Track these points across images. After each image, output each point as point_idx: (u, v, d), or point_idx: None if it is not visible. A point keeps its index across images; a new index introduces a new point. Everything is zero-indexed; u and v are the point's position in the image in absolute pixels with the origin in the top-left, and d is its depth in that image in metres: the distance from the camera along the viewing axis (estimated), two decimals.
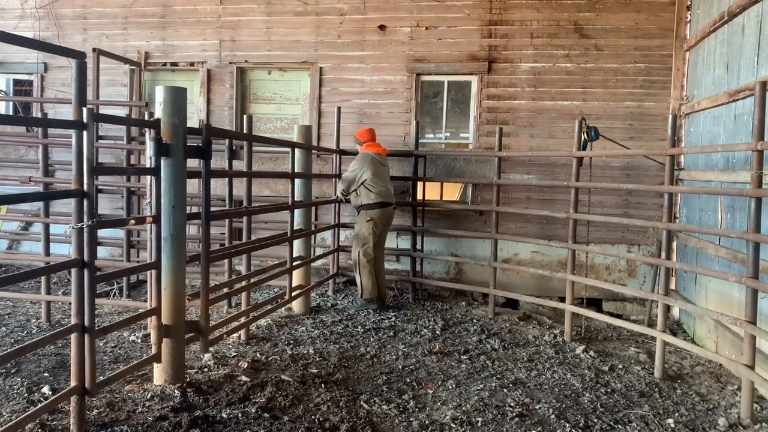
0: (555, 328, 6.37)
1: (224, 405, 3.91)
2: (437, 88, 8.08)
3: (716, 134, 5.97)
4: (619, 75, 7.46)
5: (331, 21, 8.04)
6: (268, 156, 8.05)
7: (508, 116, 7.74)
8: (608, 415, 4.13)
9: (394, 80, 7.96)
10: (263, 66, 8.31)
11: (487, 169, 7.60)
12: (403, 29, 7.90)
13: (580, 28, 7.51)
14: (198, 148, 4.25)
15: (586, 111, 7.41)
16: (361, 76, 8.02)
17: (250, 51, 8.25)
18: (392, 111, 7.99)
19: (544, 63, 7.61)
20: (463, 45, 7.79)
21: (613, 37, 7.45)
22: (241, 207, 5.38)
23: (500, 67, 7.73)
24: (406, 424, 3.84)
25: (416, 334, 5.95)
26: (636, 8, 7.37)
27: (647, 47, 7.38)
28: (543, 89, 7.64)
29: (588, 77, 7.52)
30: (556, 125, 7.61)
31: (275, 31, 8.17)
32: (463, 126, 8.07)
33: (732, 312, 5.09)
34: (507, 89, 7.74)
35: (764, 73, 4.88)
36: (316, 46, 8.09)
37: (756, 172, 4.05)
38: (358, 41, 8.00)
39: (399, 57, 7.93)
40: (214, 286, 4.92)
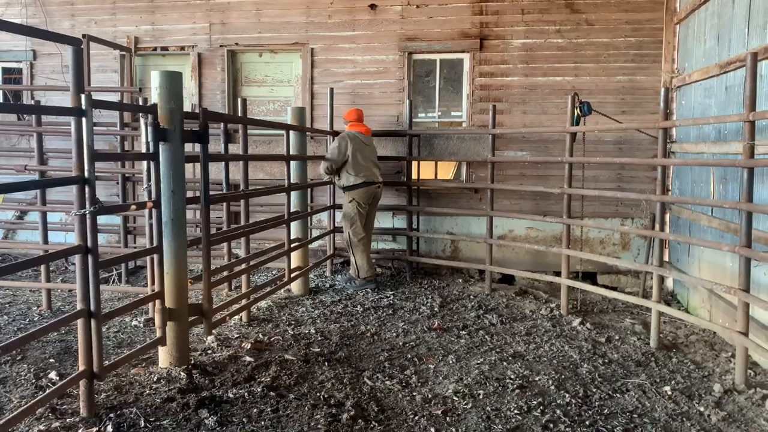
0: (551, 302, 6.47)
1: (230, 385, 3.97)
2: (429, 66, 8.08)
3: (708, 106, 6.02)
4: (611, 49, 7.48)
5: (321, 1, 7.99)
6: (262, 139, 8.04)
7: (501, 93, 7.76)
8: (606, 384, 4.23)
9: (386, 60, 7.95)
10: (254, 48, 8.27)
11: (481, 146, 7.63)
12: (394, 8, 7.87)
13: (570, 3, 7.50)
14: (195, 132, 4.26)
15: (579, 86, 7.44)
16: (353, 57, 8.00)
17: (240, 33, 8.21)
18: (385, 91, 7.99)
19: (535, 39, 7.62)
20: (455, 23, 7.78)
21: (603, 12, 7.45)
22: (239, 190, 5.40)
23: (492, 44, 7.73)
24: (409, 398, 3.92)
25: (415, 311, 6.02)
26: None
27: (638, 21, 7.40)
28: (535, 65, 7.65)
29: (579, 52, 7.54)
30: (548, 101, 7.64)
31: (265, 12, 8.13)
32: (455, 104, 8.08)
33: (725, 281, 5.19)
34: (499, 66, 7.74)
35: (755, 45, 4.93)
36: (306, 27, 8.06)
37: (748, 143, 4.11)
38: (349, 21, 7.97)
39: (390, 36, 7.91)
40: (215, 269, 4.97)
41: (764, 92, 4.67)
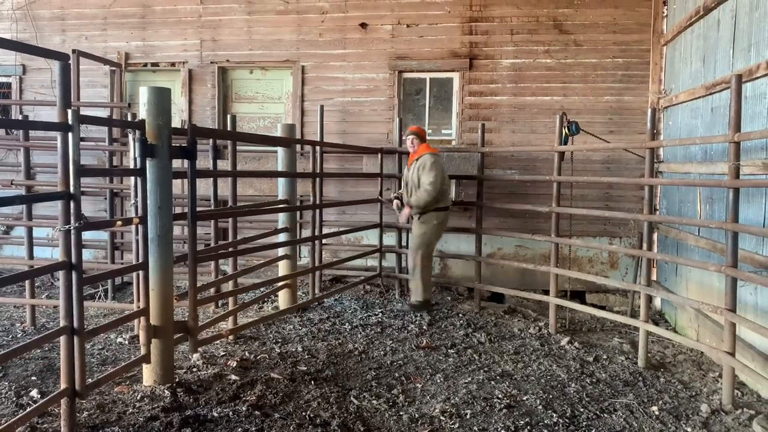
0: (540, 321, 6.46)
1: (215, 404, 3.92)
2: (419, 85, 8.12)
3: (694, 127, 6.08)
4: (599, 70, 7.56)
5: (312, 19, 8.05)
6: (251, 155, 8.04)
7: (490, 112, 7.81)
8: (594, 404, 4.21)
9: (376, 78, 7.99)
10: (245, 65, 8.29)
11: (470, 165, 7.65)
12: (385, 27, 7.93)
13: (559, 23, 7.60)
14: (183, 148, 4.25)
15: (567, 106, 7.50)
16: (344, 74, 8.04)
17: (231, 50, 8.23)
18: (375, 108, 8.02)
19: (524, 59, 7.69)
20: (445, 42, 7.84)
21: (591, 33, 7.54)
22: (235, 207, 5.37)
23: (481, 64, 7.80)
24: (396, 418, 3.88)
25: (403, 329, 6.00)
26: (614, 4, 7.47)
27: (625, 42, 7.49)
28: (524, 85, 7.72)
29: (568, 72, 7.61)
30: (537, 120, 7.69)
31: (256, 30, 8.16)
32: (445, 122, 8.12)
33: (712, 301, 5.20)
34: (488, 85, 7.80)
35: (739, 67, 4.99)
36: (297, 45, 8.10)
37: (733, 163, 4.15)
38: (340, 39, 8.02)
39: (381, 55, 7.96)
40: (201, 286, 4.94)
41: (749, 113, 4.72)
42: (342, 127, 7.98)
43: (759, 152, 4.60)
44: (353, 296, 7.29)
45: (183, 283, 7.03)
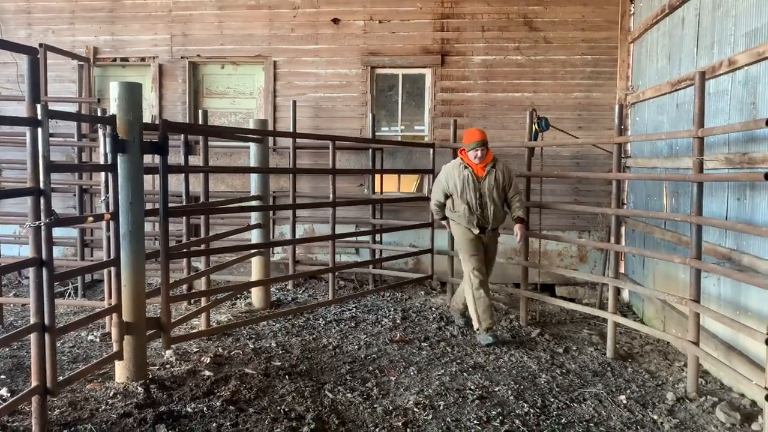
0: (511, 314, 6.55)
1: (189, 399, 3.92)
2: (392, 81, 8.16)
3: (660, 122, 6.23)
4: (568, 67, 7.67)
5: (284, 14, 8.02)
6: (223, 151, 7.99)
7: (462, 108, 7.88)
8: (564, 394, 4.30)
9: (349, 74, 8.00)
10: (216, 60, 8.23)
11: (443, 160, 7.70)
12: (357, 23, 7.94)
13: (529, 21, 7.69)
14: (154, 143, 4.22)
15: (537, 102, 7.60)
16: (316, 70, 8.04)
17: (202, 45, 8.16)
18: (348, 104, 8.03)
19: (495, 56, 7.77)
20: (417, 38, 7.88)
21: (561, 30, 7.65)
22: (216, 203, 5.35)
23: (453, 60, 7.86)
24: (370, 411, 3.93)
25: (377, 324, 6.04)
26: (582, 1, 7.58)
27: (594, 39, 7.62)
28: (495, 81, 7.80)
29: (538, 69, 7.72)
30: (508, 116, 7.78)
31: (228, 25, 8.11)
32: (418, 118, 8.17)
33: (678, 292, 5.34)
34: (460, 82, 7.87)
35: (703, 64, 5.13)
36: (269, 40, 8.06)
37: (697, 158, 4.26)
38: (312, 35, 8.01)
39: (353, 50, 7.97)
40: (174, 282, 4.92)
41: (712, 109, 4.86)
42: (315, 123, 7.98)
43: (722, 147, 4.73)
44: (327, 291, 7.29)
45: (155, 280, 6.97)
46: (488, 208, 5.50)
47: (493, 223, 5.57)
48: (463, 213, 5.53)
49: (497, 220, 5.60)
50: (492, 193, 5.48)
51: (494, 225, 5.60)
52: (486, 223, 5.54)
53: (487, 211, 5.50)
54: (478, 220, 5.51)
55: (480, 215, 5.51)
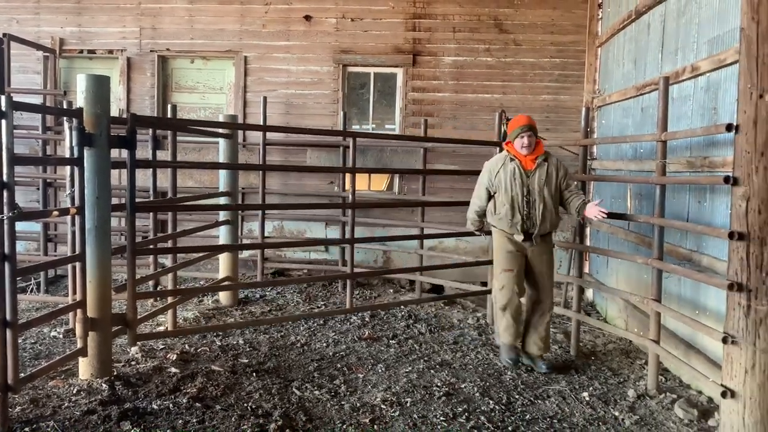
0: (478, 312, 6.63)
1: (154, 396, 3.88)
2: (364, 79, 8.17)
3: (626, 126, 6.36)
4: (537, 69, 7.79)
5: (255, 10, 7.97)
6: (192, 146, 7.91)
7: (433, 108, 7.94)
8: (529, 391, 4.37)
9: (320, 71, 7.99)
10: (186, 54, 8.15)
11: (413, 159, 7.77)
12: (329, 20, 7.94)
13: (499, 23, 7.78)
14: (122, 137, 4.17)
15: (506, 104, 7.70)
16: (287, 66, 8.01)
17: (172, 39, 8.07)
18: (319, 102, 8.03)
19: (466, 57, 7.85)
20: (389, 38, 7.91)
21: (530, 33, 7.76)
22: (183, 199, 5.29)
23: (424, 60, 7.91)
24: (338, 408, 3.94)
25: (346, 321, 6.05)
26: (552, 5, 7.70)
27: (562, 43, 7.74)
28: (465, 82, 7.88)
29: (507, 71, 7.81)
30: (477, 117, 7.86)
31: (198, 19, 8.03)
32: (389, 117, 8.20)
33: (640, 292, 5.46)
34: (431, 82, 7.93)
35: (667, 69, 5.25)
36: (240, 35, 8.01)
37: (660, 161, 4.37)
38: (284, 31, 7.98)
39: (325, 48, 7.97)
40: (140, 278, 4.86)
41: (676, 114, 4.98)
42: (286, 120, 7.95)
43: (684, 151, 4.86)
44: (296, 289, 7.29)
45: (121, 275, 6.87)
46: (536, 207, 4.65)
47: (541, 227, 4.67)
48: (505, 214, 4.69)
49: (547, 223, 4.70)
50: (543, 191, 4.64)
51: (543, 230, 4.70)
52: (532, 226, 4.67)
53: (535, 211, 4.65)
54: (524, 222, 4.66)
55: (526, 216, 4.66)
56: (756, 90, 3.33)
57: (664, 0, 5.41)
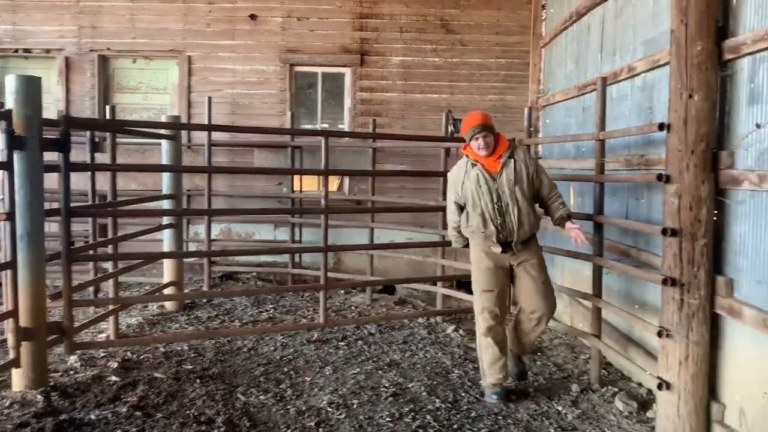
0: (428, 310, 6.65)
1: (93, 407, 3.77)
2: (311, 79, 8.12)
3: (569, 125, 6.49)
4: (483, 69, 7.88)
5: (199, 9, 7.84)
6: (135, 148, 7.71)
7: (382, 108, 7.95)
8: (475, 388, 4.41)
9: (267, 70, 7.91)
10: (127, 54, 7.95)
11: (363, 159, 7.75)
12: (275, 19, 7.86)
13: (446, 23, 7.85)
14: (55, 140, 4.03)
15: (454, 104, 7.76)
16: (233, 66, 7.90)
17: (112, 38, 7.86)
18: (266, 101, 7.94)
19: (413, 57, 7.88)
20: (336, 37, 7.89)
21: (476, 33, 7.85)
22: (124, 202, 5.15)
23: (372, 60, 7.91)
24: (283, 412, 3.90)
25: (295, 324, 6.00)
26: (497, 6, 7.81)
27: (507, 43, 7.86)
28: (413, 82, 7.91)
29: (454, 71, 7.88)
30: (426, 117, 7.90)
31: (140, 18, 7.84)
32: (338, 117, 8.17)
33: (583, 288, 5.57)
34: (379, 82, 7.93)
35: (606, 69, 5.37)
36: (184, 35, 7.86)
37: (599, 160, 4.47)
38: (229, 30, 7.87)
39: (271, 47, 7.89)
40: (79, 285, 4.72)
41: (614, 113, 5.10)
42: (232, 120, 7.84)
43: (623, 149, 4.97)
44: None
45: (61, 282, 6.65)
46: (511, 212, 4.04)
47: (519, 234, 4.07)
48: (477, 226, 4.12)
49: (526, 227, 4.10)
50: (514, 192, 4.04)
51: (522, 235, 4.10)
52: (510, 234, 4.07)
53: (510, 217, 4.04)
54: (498, 232, 4.07)
55: (500, 225, 4.06)
56: (686, 90, 3.43)
57: (603, 2, 5.53)
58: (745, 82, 3.36)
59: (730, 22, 3.48)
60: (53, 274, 5.21)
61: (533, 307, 4.25)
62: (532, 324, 4.31)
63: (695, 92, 3.41)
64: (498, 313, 4.23)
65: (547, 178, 4.26)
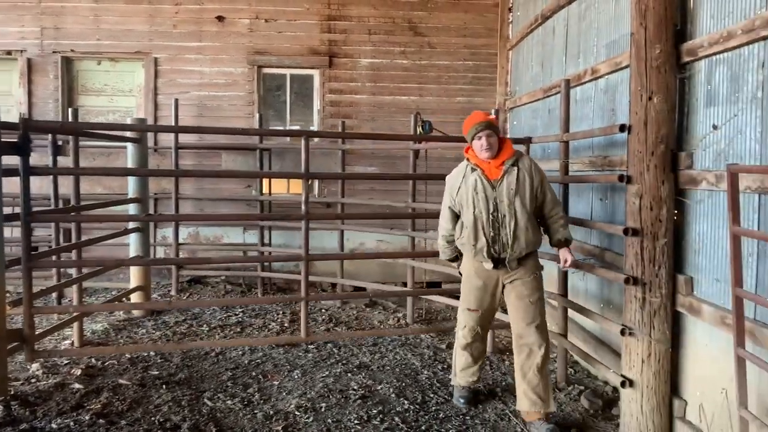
0: (399, 312, 6.67)
1: (54, 415, 3.70)
2: (280, 81, 8.08)
3: (535, 127, 6.55)
4: (451, 72, 7.92)
5: (165, 10, 7.74)
6: (100, 151, 7.59)
7: (351, 110, 7.94)
8: (443, 389, 4.43)
9: (234, 72, 7.84)
10: (92, 56, 7.81)
11: (332, 161, 7.73)
12: (242, 21, 7.80)
13: (414, 26, 7.87)
14: (14, 144, 3.95)
15: (423, 106, 7.79)
16: (200, 68, 7.81)
17: (76, 40, 7.72)
18: (234, 104, 7.87)
19: (382, 59, 7.89)
20: (304, 39, 7.86)
21: (444, 36, 7.89)
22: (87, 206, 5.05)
23: (341, 62, 7.90)
24: (250, 417, 3.87)
25: (264, 328, 5.95)
26: (464, 8, 7.86)
27: (475, 46, 7.91)
28: (382, 84, 7.92)
29: (423, 73, 7.91)
30: (395, 119, 7.92)
31: (104, 19, 7.71)
32: (307, 119, 8.14)
33: (551, 288, 5.63)
34: (348, 84, 7.92)
35: (571, 72, 5.44)
36: (150, 36, 7.75)
37: (563, 160, 4.53)
38: (196, 32, 7.78)
39: (239, 49, 7.82)
40: (41, 291, 4.63)
41: (579, 115, 5.17)
42: (199, 122, 7.75)
43: (587, 151, 5.04)
44: (213, 296, 7.13)
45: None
46: (507, 225, 3.69)
47: (514, 249, 3.70)
48: (467, 238, 3.79)
49: (522, 243, 3.71)
50: (513, 203, 3.68)
51: (517, 252, 3.72)
52: (503, 249, 3.72)
53: (505, 230, 3.69)
54: (490, 246, 3.72)
55: (492, 238, 3.71)
56: (645, 92, 3.49)
57: (567, 5, 5.61)
58: (702, 84, 3.44)
59: (687, 25, 3.56)
60: (16, 280, 5.11)
61: (519, 331, 3.81)
62: (523, 355, 3.80)
63: (655, 94, 3.47)
64: (479, 331, 4.03)
65: (551, 194, 3.86)
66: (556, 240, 3.89)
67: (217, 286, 7.57)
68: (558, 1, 5.71)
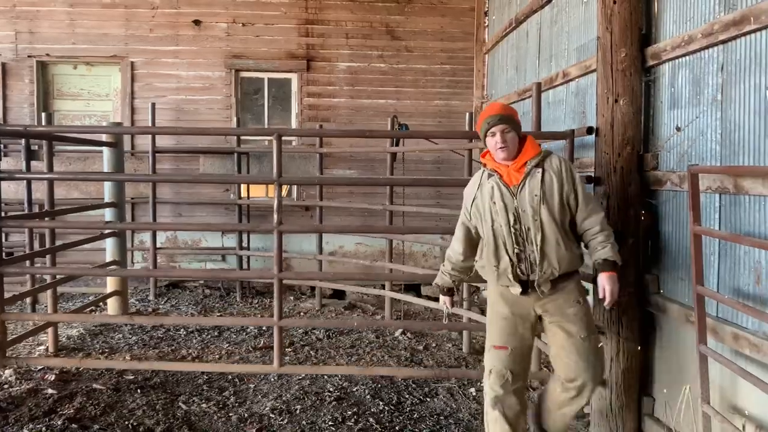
0: (377, 314, 6.70)
1: (26, 420, 3.69)
2: (258, 84, 8.08)
3: None
4: (428, 75, 7.98)
5: (142, 14, 7.72)
6: (77, 156, 7.54)
7: (329, 114, 7.96)
8: (419, 390, 4.47)
9: (212, 76, 7.84)
10: (68, 60, 7.77)
11: (311, 165, 7.75)
12: (220, 25, 7.80)
13: (391, 30, 7.92)
14: None
15: (400, 109, 7.83)
16: (177, 72, 7.80)
17: (51, 44, 7.67)
18: (212, 107, 7.86)
19: (359, 63, 7.93)
20: (282, 43, 7.87)
21: (421, 40, 7.94)
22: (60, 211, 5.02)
23: (319, 66, 7.92)
24: (225, 420, 3.88)
25: (242, 332, 5.95)
26: (441, 13, 7.92)
27: (452, 50, 7.97)
28: (360, 88, 7.95)
29: (400, 77, 7.96)
30: (373, 122, 7.94)
31: (80, 23, 7.67)
32: (286, 123, 8.14)
33: None
34: (326, 87, 7.95)
35: (544, 75, 5.52)
36: (126, 40, 7.72)
37: None
38: (173, 36, 7.77)
39: (216, 53, 7.82)
40: (14, 296, 4.60)
41: (552, 117, 5.25)
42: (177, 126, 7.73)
43: (559, 152, 5.10)
44: (191, 301, 7.10)
45: None
46: (533, 240, 2.96)
47: (544, 269, 2.95)
48: (488, 258, 3.07)
49: (554, 261, 2.96)
50: (538, 212, 2.95)
51: (548, 273, 2.96)
52: (530, 269, 2.98)
53: (532, 246, 2.96)
54: (514, 266, 2.99)
55: (518, 255, 2.99)
56: (612, 95, 3.57)
57: (540, 9, 5.68)
58: (666, 87, 3.51)
59: (652, 29, 3.63)
60: None
61: (572, 374, 3.01)
62: (569, 395, 3.08)
63: (621, 97, 3.54)
64: (510, 378, 3.01)
65: (586, 200, 3.04)
66: (594, 261, 3.06)
67: (195, 291, 7.56)
68: (531, 5, 5.79)
